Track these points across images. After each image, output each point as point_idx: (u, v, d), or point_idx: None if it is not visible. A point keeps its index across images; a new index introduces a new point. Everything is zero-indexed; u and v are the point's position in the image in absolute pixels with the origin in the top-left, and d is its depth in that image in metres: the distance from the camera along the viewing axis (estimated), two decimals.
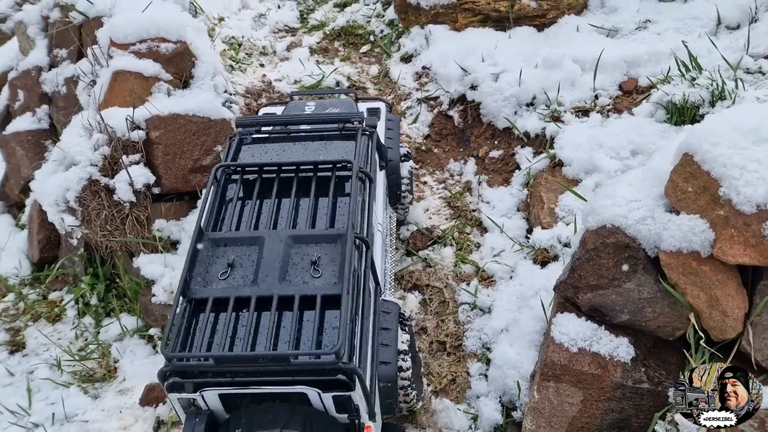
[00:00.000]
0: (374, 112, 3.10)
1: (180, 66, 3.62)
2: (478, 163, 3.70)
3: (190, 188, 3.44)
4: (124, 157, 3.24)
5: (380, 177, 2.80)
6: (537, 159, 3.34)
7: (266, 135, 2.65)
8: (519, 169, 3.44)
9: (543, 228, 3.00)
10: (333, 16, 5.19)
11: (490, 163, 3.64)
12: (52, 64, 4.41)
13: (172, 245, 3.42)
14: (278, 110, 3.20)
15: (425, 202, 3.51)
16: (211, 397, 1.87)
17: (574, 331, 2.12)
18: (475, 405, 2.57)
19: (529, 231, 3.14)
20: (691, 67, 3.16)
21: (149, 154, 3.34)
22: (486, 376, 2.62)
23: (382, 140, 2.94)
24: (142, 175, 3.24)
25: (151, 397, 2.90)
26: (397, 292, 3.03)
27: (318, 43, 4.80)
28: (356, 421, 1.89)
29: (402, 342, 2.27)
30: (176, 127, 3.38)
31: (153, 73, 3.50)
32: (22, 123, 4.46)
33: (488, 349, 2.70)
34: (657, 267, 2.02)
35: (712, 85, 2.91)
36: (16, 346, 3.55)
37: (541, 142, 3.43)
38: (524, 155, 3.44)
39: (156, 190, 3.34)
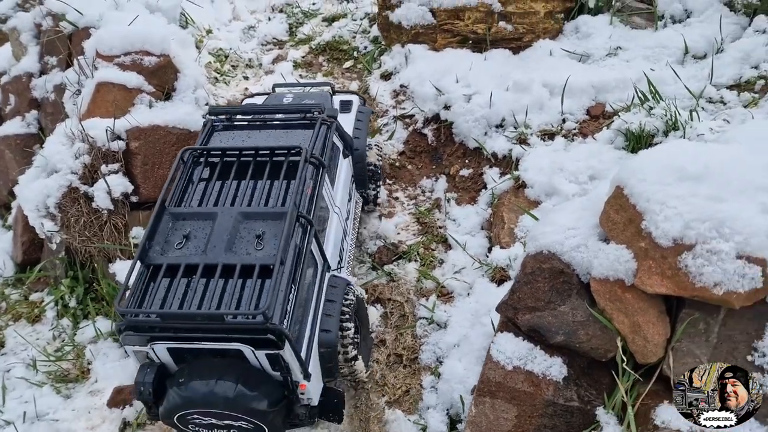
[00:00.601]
0: (347, 105, 3.41)
1: (163, 78, 3.75)
2: (449, 181, 3.81)
3: None
4: (103, 166, 3.37)
5: (344, 164, 3.05)
6: (502, 180, 3.45)
7: (237, 122, 2.90)
8: (486, 188, 3.56)
9: (502, 247, 3.12)
10: (320, 30, 5.32)
11: (460, 181, 3.75)
12: (43, 71, 4.54)
13: None
14: (260, 100, 3.48)
15: (395, 218, 3.62)
16: (160, 351, 2.13)
17: (511, 350, 2.23)
18: (425, 416, 2.68)
19: (491, 249, 3.25)
20: (649, 97, 3.28)
21: (128, 164, 3.46)
22: (437, 389, 2.73)
23: (351, 131, 3.21)
24: (120, 184, 3.37)
25: (118, 399, 3.02)
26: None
27: (303, 57, 4.93)
28: (289, 378, 2.13)
29: (345, 314, 2.50)
30: (156, 138, 3.51)
31: (136, 84, 3.63)
32: (12, 127, 4.59)
33: (441, 362, 2.81)
34: (589, 292, 2.14)
35: (666, 115, 3.02)
36: None
37: (508, 163, 3.55)
38: (491, 175, 3.56)
39: (134, 199, 3.47)
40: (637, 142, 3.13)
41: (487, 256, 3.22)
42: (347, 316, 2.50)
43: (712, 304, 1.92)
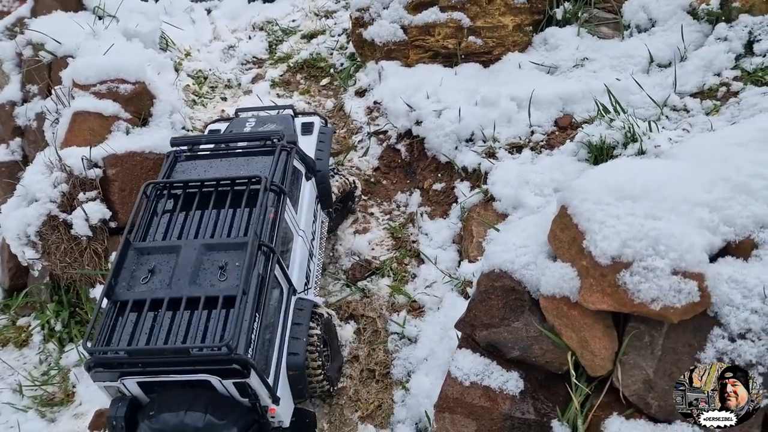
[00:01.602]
0: (308, 127, 3.51)
1: (139, 105, 3.83)
2: (422, 195, 3.89)
3: None
4: (81, 194, 3.45)
5: (307, 186, 3.12)
6: (472, 194, 3.53)
7: (198, 152, 2.97)
8: (457, 202, 3.63)
9: (470, 261, 3.19)
10: (299, 48, 5.41)
11: (433, 195, 3.83)
12: (25, 99, 4.63)
13: None
14: (223, 125, 3.57)
15: (370, 234, 3.69)
16: (131, 385, 2.20)
17: (468, 366, 2.31)
18: (395, 431, 2.75)
19: (461, 263, 3.32)
20: (610, 109, 3.35)
21: (106, 191, 3.55)
22: (406, 403, 2.79)
23: (313, 152, 3.30)
24: (98, 211, 3.45)
25: (100, 423, 3.09)
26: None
27: (281, 75, 5.02)
28: (257, 403, 2.21)
29: (312, 336, 2.59)
30: (132, 164, 3.59)
31: (112, 112, 3.72)
32: None
33: (411, 377, 2.88)
34: (540, 309, 2.21)
35: (624, 127, 3.09)
36: None
37: (477, 177, 3.62)
38: (462, 189, 3.63)
39: (113, 224, 3.55)
40: (599, 154, 3.20)
41: (457, 270, 3.29)
42: (314, 338, 2.57)
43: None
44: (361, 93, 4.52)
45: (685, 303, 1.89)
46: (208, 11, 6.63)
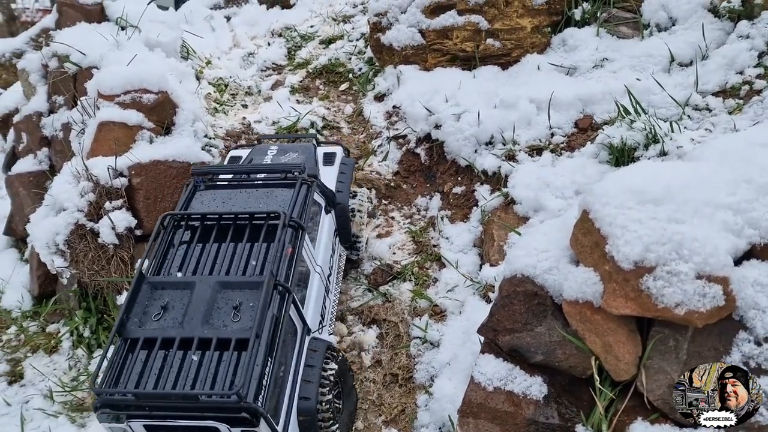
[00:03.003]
0: (330, 157, 3.44)
1: (162, 114, 3.89)
2: (443, 198, 3.90)
3: None
4: (107, 203, 3.51)
5: (326, 220, 3.08)
6: (492, 197, 3.53)
7: (218, 183, 2.94)
8: (477, 205, 3.63)
9: (492, 265, 3.19)
10: (318, 53, 5.45)
11: (454, 199, 3.84)
12: (51, 110, 4.73)
13: None
14: (245, 152, 3.53)
15: (390, 238, 3.71)
16: (137, 427, 2.15)
17: (491, 371, 2.31)
18: None
19: (482, 266, 3.33)
20: (631, 110, 3.33)
21: (131, 199, 3.61)
22: (429, 408, 2.81)
23: (333, 184, 3.24)
24: (123, 219, 3.51)
25: None
26: (356, 326, 3.24)
27: (300, 81, 5.06)
28: None
29: (326, 379, 2.52)
30: (157, 172, 3.65)
31: (136, 122, 3.78)
32: (25, 165, 4.79)
33: (434, 381, 2.90)
34: (563, 313, 2.21)
35: (646, 129, 3.07)
36: (15, 377, 3.84)
37: (497, 180, 3.62)
38: (482, 193, 3.63)
39: (138, 232, 3.61)
40: (620, 155, 3.18)
41: (479, 273, 3.29)
42: (327, 381, 2.52)
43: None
44: (379, 98, 4.54)
45: (710, 307, 1.87)
46: (228, 18, 6.72)
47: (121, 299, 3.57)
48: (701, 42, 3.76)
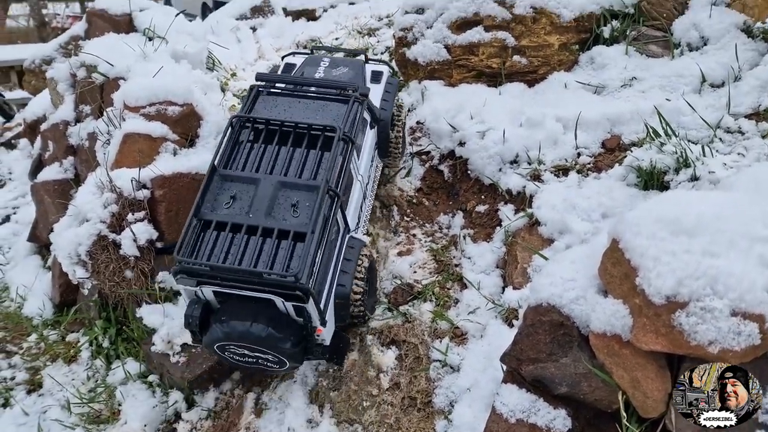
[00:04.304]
0: (377, 76, 3.78)
1: (186, 126, 3.90)
2: (465, 217, 3.84)
3: None
4: (129, 214, 3.52)
5: (370, 134, 3.45)
6: (516, 217, 3.47)
7: (278, 90, 3.28)
8: (501, 225, 3.57)
9: (515, 288, 3.13)
10: None
11: (477, 217, 3.78)
12: (78, 119, 4.78)
13: (175, 295, 3.68)
14: (299, 60, 3.87)
15: (411, 256, 3.67)
16: (207, 292, 2.60)
17: (514, 402, 2.25)
18: None
19: (504, 289, 3.26)
20: (661, 132, 3.25)
21: (153, 211, 3.62)
22: None
23: (378, 101, 3.60)
24: (145, 231, 3.52)
25: None
26: (375, 347, 3.19)
27: None
28: (309, 324, 2.61)
29: (358, 272, 2.97)
30: (179, 185, 3.66)
31: (161, 134, 3.79)
32: (50, 173, 4.85)
33: (453, 407, 2.83)
34: (590, 345, 2.14)
35: (676, 152, 3.00)
36: (34, 386, 3.86)
37: (522, 200, 3.56)
38: (506, 212, 3.57)
39: (159, 244, 3.61)
40: (650, 178, 3.11)
41: (501, 296, 3.23)
42: (359, 273, 2.97)
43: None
44: None
45: (745, 346, 1.80)
46: (254, 29, 6.77)
47: (141, 312, 3.58)
48: (734, 63, 3.68)
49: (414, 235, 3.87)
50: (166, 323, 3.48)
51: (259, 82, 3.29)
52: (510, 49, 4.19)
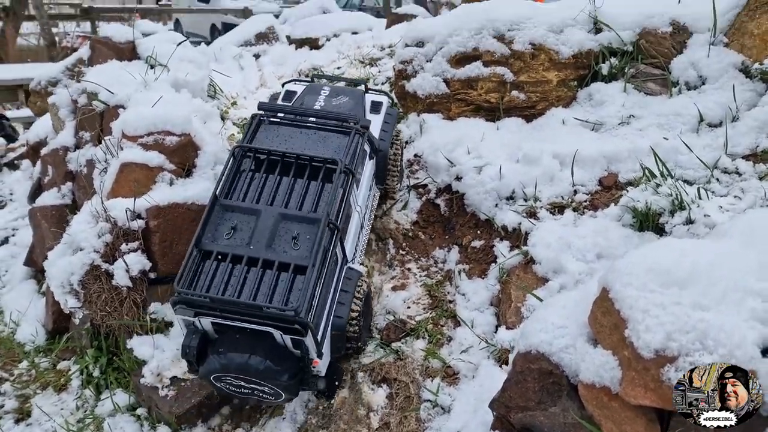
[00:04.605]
0: (377, 106, 3.82)
1: (183, 156, 3.91)
2: (461, 251, 3.82)
3: None
4: (123, 244, 3.51)
5: (369, 165, 3.50)
6: (511, 254, 3.44)
7: (280, 120, 3.33)
8: (496, 262, 3.55)
9: (508, 327, 3.10)
10: None
11: (472, 253, 3.76)
12: (78, 145, 4.80)
13: (167, 326, 3.65)
14: (300, 87, 3.90)
15: (406, 291, 3.64)
16: (205, 322, 2.63)
17: None
18: None
19: (498, 327, 3.23)
20: (657, 173, 3.24)
21: (147, 241, 3.60)
22: None
23: (378, 132, 3.65)
24: (138, 262, 3.50)
25: None
26: (366, 384, 3.15)
27: None
28: (306, 356, 2.66)
29: (356, 303, 3.01)
30: (174, 215, 3.65)
31: (158, 163, 3.80)
32: (49, 198, 4.85)
33: None
34: (579, 395, 2.10)
35: (672, 195, 2.98)
36: (23, 415, 3.81)
37: (517, 237, 3.54)
38: (501, 249, 3.55)
39: (152, 275, 3.60)
40: (645, 219, 3.09)
41: (495, 335, 3.19)
42: (357, 305, 3.00)
43: None
44: None
45: None
46: (257, 57, 6.82)
47: (132, 343, 3.55)
48: (732, 103, 3.68)
49: (409, 269, 3.84)
50: (157, 356, 3.45)
51: (260, 111, 3.35)
52: (508, 84, 4.21)
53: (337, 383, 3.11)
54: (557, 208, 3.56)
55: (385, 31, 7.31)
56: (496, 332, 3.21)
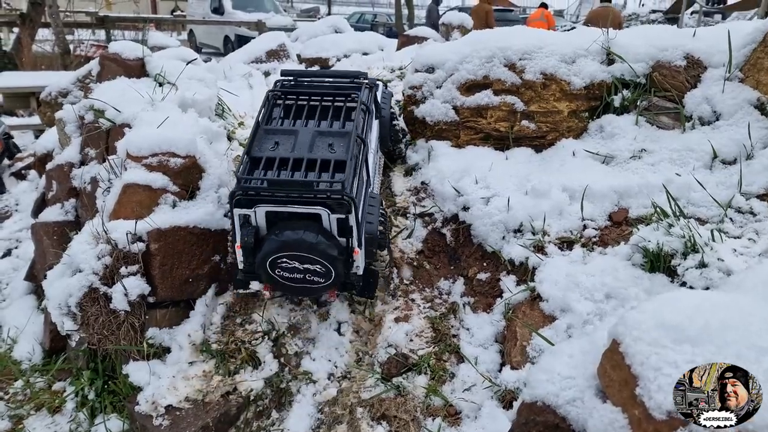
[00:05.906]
0: (374, 86, 4.18)
1: (187, 178, 3.85)
2: (466, 283, 3.74)
3: (185, 297, 3.63)
4: (123, 267, 3.45)
5: (375, 123, 3.94)
6: (518, 290, 3.37)
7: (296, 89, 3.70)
8: (502, 296, 3.47)
9: (513, 367, 3.01)
10: None
11: (478, 285, 3.68)
12: (83, 162, 4.76)
13: (164, 351, 3.58)
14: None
15: (409, 324, 3.56)
16: (260, 213, 2.95)
17: None
18: None
19: (503, 366, 3.14)
20: (669, 212, 3.16)
21: (147, 265, 3.54)
22: None
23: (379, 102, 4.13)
24: (137, 286, 3.44)
25: None
26: (365, 421, 3.07)
27: None
28: (350, 242, 2.99)
29: (381, 217, 3.37)
30: (176, 239, 3.59)
31: (161, 185, 3.74)
32: (51, 213, 4.81)
33: None
34: None
35: (684, 236, 2.90)
36: None
37: (524, 271, 3.47)
38: (507, 283, 3.47)
39: (151, 299, 3.53)
40: (656, 260, 3.01)
41: (499, 374, 3.11)
42: (381, 219, 3.35)
43: None
44: (409, 171, 4.45)
45: None
46: (266, 74, 6.80)
47: (128, 369, 3.49)
48: (746, 140, 3.61)
49: (413, 300, 3.77)
50: (153, 382, 3.37)
51: (275, 87, 3.69)
52: (519, 113, 4.16)
53: (374, 284, 3.48)
54: (566, 243, 3.49)
55: (395, 53, 7.30)
56: (500, 371, 3.13)
